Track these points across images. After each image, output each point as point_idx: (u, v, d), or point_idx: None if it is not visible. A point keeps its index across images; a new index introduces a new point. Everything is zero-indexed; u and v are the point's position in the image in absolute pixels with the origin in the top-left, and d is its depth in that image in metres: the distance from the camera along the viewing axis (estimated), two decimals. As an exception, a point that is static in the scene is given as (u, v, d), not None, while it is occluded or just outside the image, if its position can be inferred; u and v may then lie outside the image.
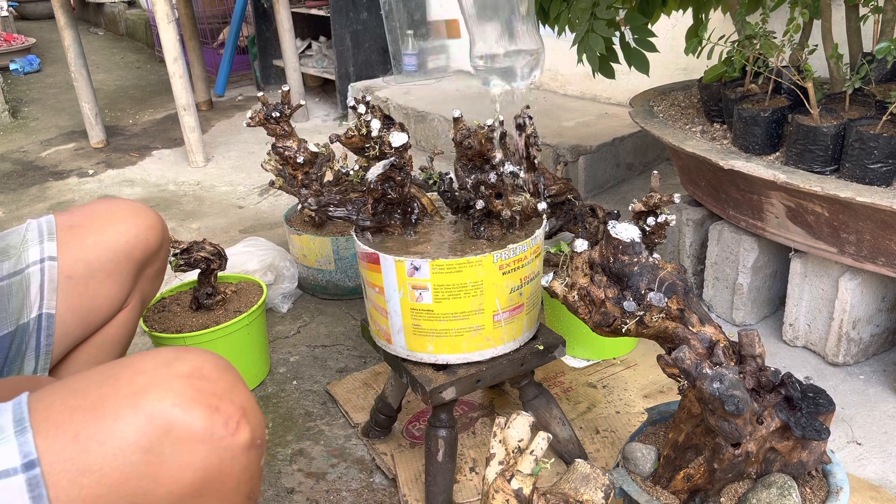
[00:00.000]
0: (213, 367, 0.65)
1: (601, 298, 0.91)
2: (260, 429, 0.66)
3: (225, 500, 0.64)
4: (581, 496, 0.85)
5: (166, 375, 0.62)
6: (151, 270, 1.10)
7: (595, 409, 1.44)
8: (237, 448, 0.63)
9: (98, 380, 0.62)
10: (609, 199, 2.46)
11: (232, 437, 0.62)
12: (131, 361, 0.64)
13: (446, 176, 1.22)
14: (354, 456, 1.38)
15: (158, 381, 0.61)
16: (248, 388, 0.67)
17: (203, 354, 0.66)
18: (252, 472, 0.66)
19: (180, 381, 0.62)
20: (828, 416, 0.91)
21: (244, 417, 0.64)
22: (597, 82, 2.93)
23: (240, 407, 0.64)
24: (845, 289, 1.41)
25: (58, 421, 0.59)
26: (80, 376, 0.64)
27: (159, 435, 0.59)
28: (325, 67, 3.87)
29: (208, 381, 0.63)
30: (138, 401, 0.60)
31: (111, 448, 0.59)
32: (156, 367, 0.63)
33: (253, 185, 2.90)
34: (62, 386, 0.63)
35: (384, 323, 1.15)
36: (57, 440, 0.58)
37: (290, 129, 1.52)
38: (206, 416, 0.61)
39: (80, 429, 0.59)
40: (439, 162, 2.75)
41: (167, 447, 0.60)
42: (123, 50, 6.19)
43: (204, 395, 0.62)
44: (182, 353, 0.65)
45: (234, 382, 0.66)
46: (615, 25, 1.60)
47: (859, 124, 1.30)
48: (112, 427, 0.59)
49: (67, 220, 1.00)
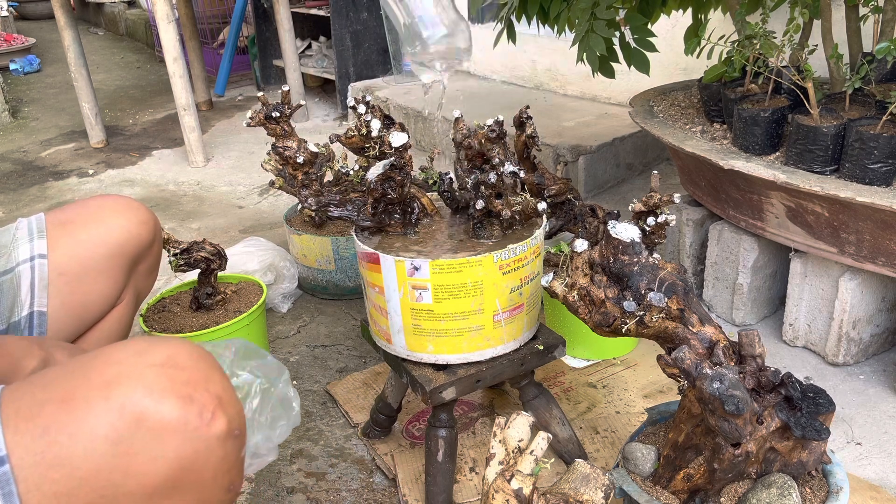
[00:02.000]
0: (188, 356, 0.63)
1: (601, 298, 0.91)
2: (237, 418, 0.64)
3: (203, 492, 0.63)
4: (581, 496, 0.85)
5: (138, 365, 0.60)
6: (145, 266, 1.10)
7: (595, 409, 1.44)
8: (213, 438, 0.61)
9: (69, 372, 0.61)
10: (609, 199, 2.46)
11: (207, 427, 0.60)
12: (104, 352, 0.62)
13: (446, 176, 1.22)
14: (354, 456, 1.38)
15: (130, 371, 0.60)
16: (225, 376, 0.65)
17: (178, 343, 0.64)
18: (230, 462, 0.64)
19: (152, 371, 0.60)
20: (828, 416, 0.91)
21: (220, 407, 0.62)
22: (597, 82, 2.93)
23: (215, 396, 0.62)
24: (845, 289, 1.41)
25: (28, 414, 0.58)
26: (53, 369, 0.63)
27: (130, 426, 0.58)
28: (325, 67, 3.87)
29: (182, 370, 0.61)
30: (109, 392, 0.58)
31: (81, 440, 0.57)
32: (128, 356, 0.61)
33: (253, 185, 2.90)
34: (35, 379, 0.62)
35: (384, 323, 1.15)
36: (27, 434, 0.57)
37: (290, 129, 1.52)
38: (179, 405, 0.59)
39: (50, 422, 0.57)
40: (439, 162, 2.75)
41: (139, 439, 0.58)
42: (123, 50, 6.19)
43: (177, 385, 0.60)
44: (156, 342, 0.63)
45: (209, 371, 0.63)
46: (615, 25, 1.60)
47: (859, 124, 1.30)
48: (82, 419, 0.57)
49: (58, 218, 1.00)
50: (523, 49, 3.20)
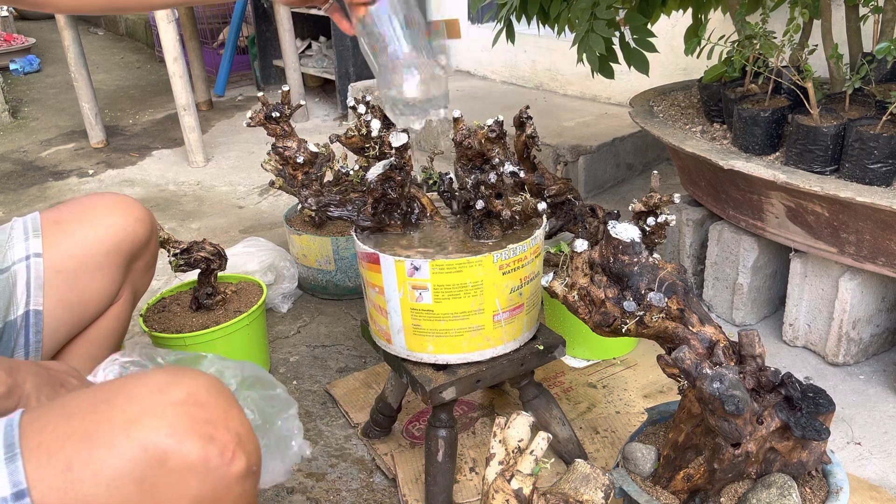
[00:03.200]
0: (207, 392, 0.63)
1: (601, 298, 0.91)
2: (255, 455, 0.65)
3: None
4: (581, 496, 0.85)
5: (160, 403, 0.61)
6: (141, 264, 1.10)
7: (595, 409, 1.44)
8: (232, 478, 0.62)
9: (91, 405, 0.61)
10: (609, 199, 2.46)
11: (227, 467, 0.61)
12: (124, 385, 0.63)
13: (446, 176, 1.22)
14: (354, 456, 1.38)
15: (152, 409, 0.60)
16: (242, 411, 0.66)
17: (197, 378, 0.64)
18: (248, 499, 0.65)
19: (174, 409, 0.60)
20: (828, 416, 0.91)
21: (239, 445, 0.63)
22: (597, 82, 2.93)
23: (235, 434, 0.63)
24: (845, 289, 1.41)
25: (50, 449, 0.59)
26: (72, 398, 0.63)
27: (153, 465, 0.59)
28: (325, 67, 3.87)
29: (203, 408, 0.62)
30: (132, 430, 0.59)
31: (105, 478, 0.58)
32: (149, 393, 0.62)
33: (253, 185, 2.90)
34: (54, 409, 0.62)
35: (384, 323, 1.15)
36: (49, 469, 0.58)
37: (290, 129, 1.52)
38: (201, 445, 0.60)
39: (72, 458, 0.58)
40: (439, 162, 2.75)
41: (161, 478, 0.59)
42: (123, 50, 6.19)
43: (198, 424, 0.61)
44: (175, 378, 0.64)
45: (227, 408, 0.64)
46: (615, 25, 1.60)
47: (859, 124, 1.30)
48: (106, 457, 0.58)
49: (53, 216, 1.00)
50: (523, 49, 3.20)
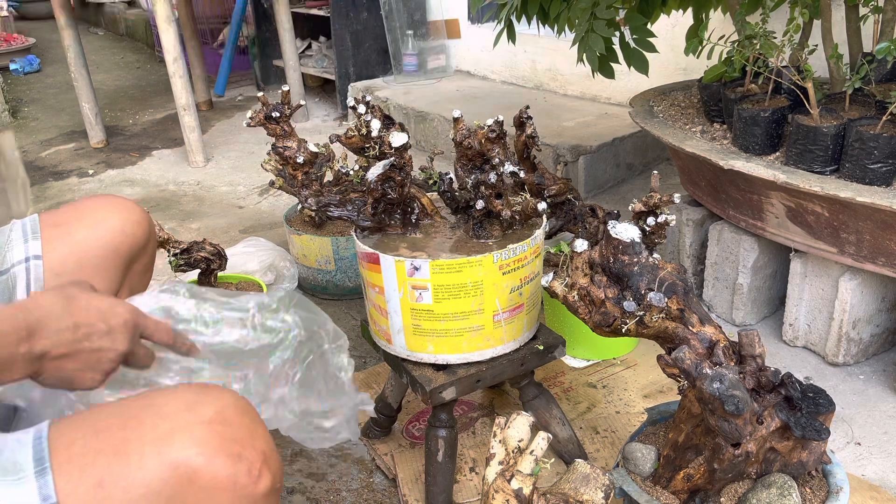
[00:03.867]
0: (234, 411, 0.65)
1: (601, 298, 0.91)
2: (279, 473, 0.67)
3: None
4: (581, 496, 0.85)
5: (190, 421, 0.62)
6: (139, 266, 1.10)
7: (595, 409, 1.44)
8: (259, 496, 0.64)
9: (120, 421, 0.63)
10: (609, 199, 2.46)
11: (255, 486, 0.63)
12: (153, 402, 0.65)
13: (446, 176, 1.22)
14: (354, 456, 1.38)
15: (182, 428, 0.62)
16: (266, 430, 0.68)
17: (224, 396, 0.66)
18: None
19: (203, 428, 0.62)
20: (828, 416, 0.91)
21: (265, 464, 0.64)
22: (597, 82, 2.93)
23: (261, 453, 0.64)
24: (845, 289, 1.41)
25: (81, 464, 0.60)
26: (100, 412, 0.65)
27: (183, 483, 0.60)
28: (325, 67, 3.87)
29: (231, 427, 0.63)
30: (162, 448, 0.60)
31: (135, 495, 0.59)
32: (178, 410, 0.63)
33: (253, 185, 2.90)
34: (83, 422, 0.63)
35: (384, 323, 1.15)
36: (80, 485, 0.59)
37: (290, 129, 1.52)
38: (230, 464, 0.62)
39: (104, 474, 0.59)
40: (439, 162, 2.75)
41: (191, 495, 0.60)
42: (123, 50, 6.19)
43: (227, 443, 0.62)
44: (203, 395, 0.65)
45: (254, 427, 0.66)
46: (615, 25, 1.60)
47: (859, 124, 1.30)
48: (136, 474, 0.59)
49: (52, 219, 1.00)
50: (523, 49, 3.20)
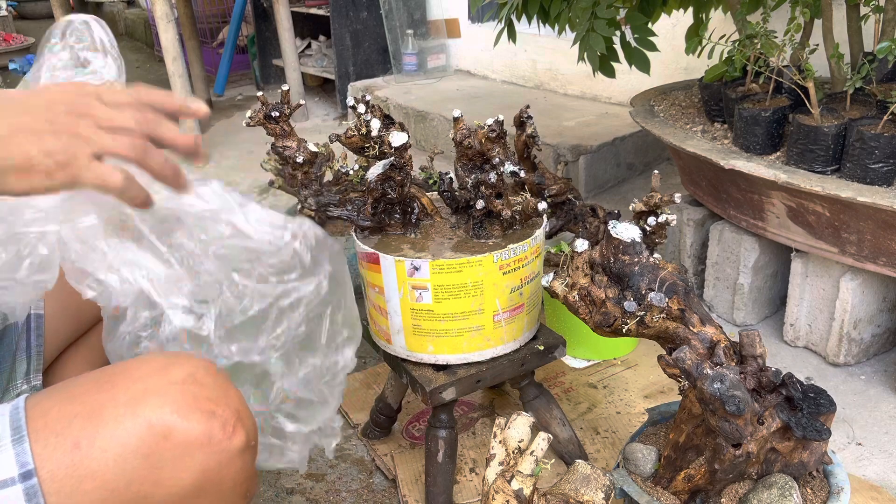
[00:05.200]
0: (206, 373, 0.66)
1: (601, 298, 0.90)
2: (253, 430, 0.68)
3: (223, 500, 0.67)
4: (581, 497, 0.84)
5: (162, 382, 0.64)
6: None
7: (595, 409, 1.44)
8: (234, 451, 0.65)
9: (94, 386, 0.64)
10: (609, 198, 2.46)
11: (229, 441, 0.64)
12: (126, 368, 0.66)
13: (446, 176, 1.22)
14: (354, 456, 1.38)
15: (155, 389, 0.63)
16: (239, 392, 0.69)
17: (194, 360, 0.67)
18: (248, 472, 0.68)
19: (176, 388, 0.63)
20: (829, 416, 0.91)
21: (239, 421, 0.66)
22: (597, 82, 2.93)
23: (235, 410, 0.66)
24: (846, 289, 1.41)
25: (57, 429, 0.61)
26: (74, 382, 0.66)
27: (159, 441, 0.61)
28: (324, 67, 3.87)
29: (203, 387, 0.65)
30: (137, 408, 0.62)
31: (112, 454, 0.60)
32: (151, 373, 0.65)
33: (252, 184, 2.89)
34: (58, 392, 0.65)
35: (384, 323, 1.14)
36: (58, 448, 0.60)
37: (290, 129, 1.51)
38: (204, 420, 0.63)
39: (80, 436, 0.61)
40: (439, 162, 2.75)
41: (167, 452, 0.62)
42: (123, 49, 6.12)
43: (200, 401, 0.64)
44: (174, 359, 0.67)
45: (226, 386, 0.67)
46: (616, 25, 1.59)
47: (860, 124, 1.30)
48: (112, 434, 0.61)
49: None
50: (523, 48, 3.19)
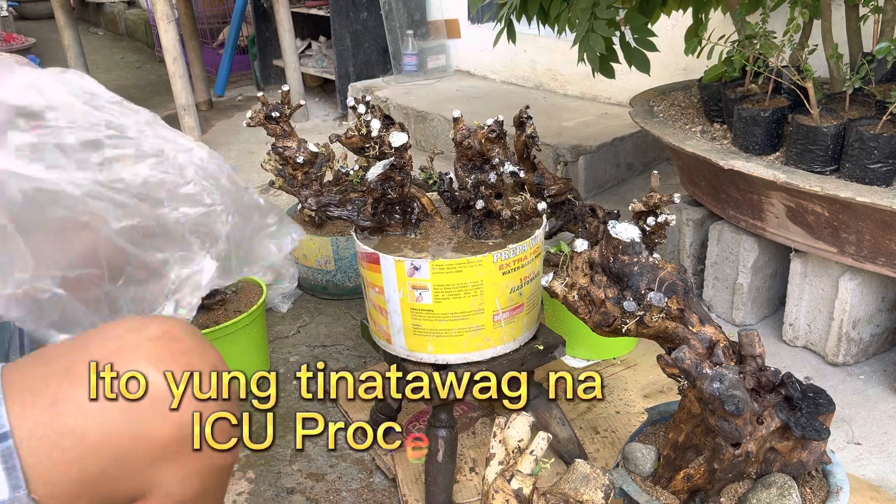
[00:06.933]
0: (181, 330, 0.67)
1: (601, 298, 0.91)
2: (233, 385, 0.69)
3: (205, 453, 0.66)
4: (581, 496, 0.85)
5: (138, 339, 0.64)
6: None
7: (595, 409, 1.44)
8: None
9: (69, 347, 0.64)
10: (609, 199, 2.46)
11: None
12: (101, 329, 0.66)
13: (446, 176, 1.22)
14: (354, 456, 1.38)
15: (131, 346, 0.63)
16: (215, 348, 0.69)
17: (169, 319, 0.68)
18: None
19: (152, 344, 0.64)
20: (828, 416, 0.91)
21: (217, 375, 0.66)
22: (597, 82, 2.93)
23: (213, 365, 0.66)
24: (845, 289, 1.41)
25: (33, 389, 0.61)
26: (49, 347, 0.67)
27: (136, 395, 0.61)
28: (324, 67, 3.87)
29: (179, 343, 0.65)
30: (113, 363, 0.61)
31: (88, 410, 0.60)
32: (126, 332, 0.65)
33: (253, 185, 2.89)
34: (34, 356, 0.65)
35: (384, 323, 1.15)
36: (34, 407, 0.60)
37: (290, 129, 1.51)
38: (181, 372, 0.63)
39: (55, 394, 0.60)
40: (439, 162, 2.75)
41: (146, 404, 0.61)
42: (123, 50, 6.19)
43: (177, 356, 0.64)
44: (150, 319, 0.67)
45: (202, 342, 0.68)
46: (615, 25, 1.59)
47: (859, 124, 1.30)
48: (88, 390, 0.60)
49: None
50: (523, 49, 3.19)
